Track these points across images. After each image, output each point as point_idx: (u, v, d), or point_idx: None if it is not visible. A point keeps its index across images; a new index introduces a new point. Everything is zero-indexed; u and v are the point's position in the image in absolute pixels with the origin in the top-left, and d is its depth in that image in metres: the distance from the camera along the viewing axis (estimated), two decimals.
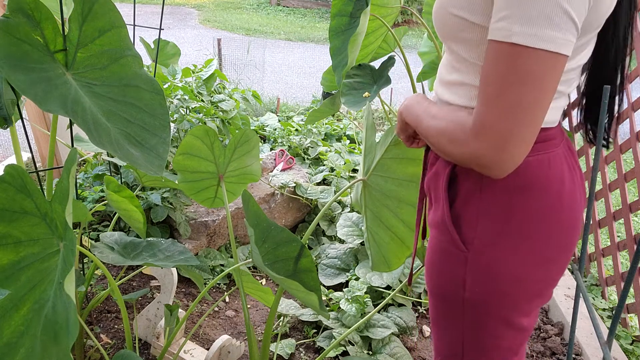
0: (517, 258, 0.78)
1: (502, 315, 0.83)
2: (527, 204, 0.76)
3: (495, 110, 0.64)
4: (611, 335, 0.82)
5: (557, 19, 0.60)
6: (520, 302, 0.82)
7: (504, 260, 0.78)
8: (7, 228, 0.77)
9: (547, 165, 0.76)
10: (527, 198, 0.76)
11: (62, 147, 2.52)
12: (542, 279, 0.81)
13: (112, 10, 0.99)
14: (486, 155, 0.66)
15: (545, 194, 0.76)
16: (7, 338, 0.72)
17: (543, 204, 0.76)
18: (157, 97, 1.07)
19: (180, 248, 1.34)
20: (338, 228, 2.22)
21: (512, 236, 0.77)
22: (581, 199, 0.82)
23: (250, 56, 5.15)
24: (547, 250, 0.79)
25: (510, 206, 0.77)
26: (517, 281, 0.80)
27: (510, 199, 0.76)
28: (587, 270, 2.26)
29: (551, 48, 0.61)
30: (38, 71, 0.86)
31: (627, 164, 3.77)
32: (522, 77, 0.62)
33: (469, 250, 0.80)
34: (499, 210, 0.77)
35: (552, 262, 0.80)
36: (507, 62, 0.63)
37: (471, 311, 0.85)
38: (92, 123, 0.89)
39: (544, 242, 0.78)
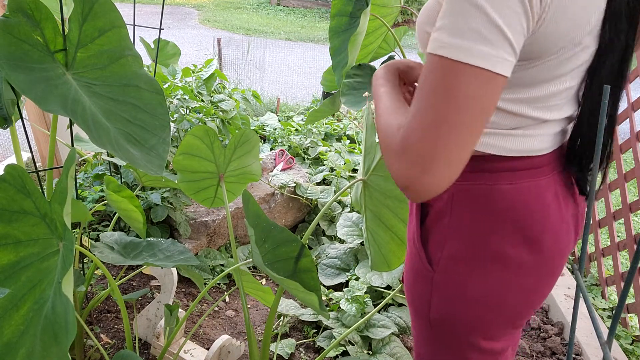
0: (487, 284, 0.75)
1: (470, 339, 0.80)
2: (501, 230, 0.73)
3: (419, 127, 0.57)
4: (611, 335, 0.81)
5: (488, 34, 0.55)
6: (490, 328, 0.80)
7: (471, 284, 0.76)
8: (6, 228, 0.77)
9: (526, 194, 0.72)
10: (502, 224, 0.72)
11: (62, 147, 2.52)
12: (515, 306, 0.78)
13: (112, 10, 0.99)
14: (405, 176, 0.59)
15: (523, 223, 0.72)
16: (8, 338, 0.72)
17: (519, 233, 0.72)
18: (157, 97, 1.07)
19: (180, 248, 1.34)
20: (338, 228, 2.22)
21: (481, 261, 0.75)
22: (569, 230, 0.76)
23: (250, 56, 5.15)
24: (523, 279, 0.75)
25: (481, 231, 0.73)
26: (485, 307, 0.77)
27: (483, 224, 0.73)
28: (587, 270, 2.26)
29: (482, 64, 0.55)
30: (38, 71, 0.86)
31: (627, 164, 3.77)
32: (449, 93, 0.56)
33: (434, 270, 0.78)
34: (469, 233, 0.74)
35: (529, 291, 0.77)
36: (437, 76, 0.57)
37: (437, 330, 0.83)
38: (92, 123, 0.89)
39: (519, 270, 0.74)
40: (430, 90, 0.57)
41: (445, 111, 0.56)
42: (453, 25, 0.56)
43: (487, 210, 0.73)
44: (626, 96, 2.04)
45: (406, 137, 0.59)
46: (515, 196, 0.72)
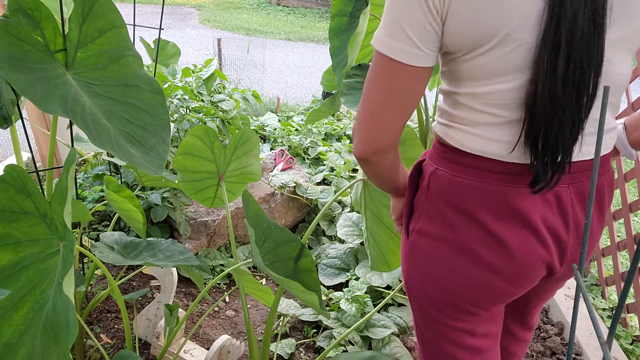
0: (443, 266, 0.81)
1: (431, 311, 0.87)
2: (461, 222, 0.77)
3: (359, 107, 0.75)
4: (611, 335, 0.81)
5: (391, 27, 0.69)
6: (444, 307, 0.85)
7: (430, 261, 0.82)
8: (6, 228, 0.77)
9: (478, 195, 0.75)
10: (462, 217, 0.77)
11: (62, 147, 2.52)
12: (469, 296, 0.81)
13: (112, 10, 0.99)
14: (354, 144, 0.78)
15: (480, 221, 0.76)
16: (8, 338, 0.72)
17: (477, 229, 0.76)
18: (157, 97, 1.07)
19: (180, 248, 1.34)
20: (338, 228, 2.22)
21: (442, 243, 0.80)
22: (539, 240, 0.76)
23: (250, 56, 5.14)
24: (476, 270, 0.78)
25: (445, 216, 0.79)
26: (440, 287, 0.82)
27: (448, 212, 0.79)
28: (587, 270, 2.26)
29: (388, 54, 0.69)
30: (38, 71, 0.86)
31: (627, 164, 3.76)
32: (369, 75, 0.73)
33: (408, 238, 0.87)
34: (436, 215, 0.80)
35: (481, 284, 0.80)
36: (372, 63, 0.73)
37: (411, 299, 0.91)
38: (92, 123, 0.89)
39: (474, 262, 0.78)
40: (368, 74, 0.74)
41: (365, 90, 0.74)
42: (382, 21, 0.71)
43: (452, 199, 0.78)
44: (626, 96, 2.04)
45: (354, 123, 0.78)
46: (479, 194, 0.75)
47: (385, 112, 0.73)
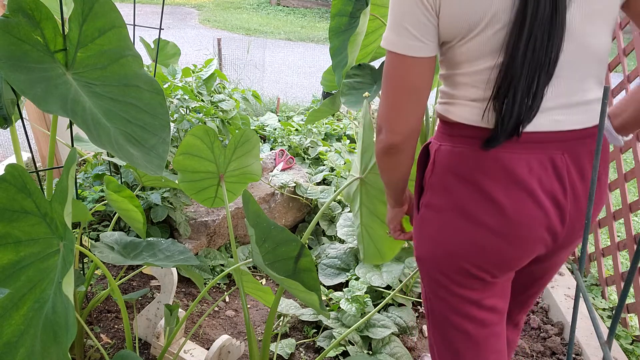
0: (447, 232, 0.89)
1: (440, 279, 0.93)
2: (461, 189, 0.86)
3: (381, 101, 0.85)
4: (611, 335, 0.81)
5: (397, 28, 0.80)
6: (451, 272, 0.91)
7: (437, 230, 0.90)
8: (7, 228, 0.77)
9: (476, 162, 0.84)
10: (461, 184, 0.86)
11: (62, 147, 2.52)
12: (469, 259, 0.88)
13: (112, 10, 0.99)
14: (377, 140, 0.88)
15: (477, 186, 0.84)
16: (8, 337, 0.72)
17: (476, 194, 0.84)
18: (157, 97, 1.07)
19: (180, 248, 1.34)
20: (338, 228, 2.22)
21: (446, 211, 0.89)
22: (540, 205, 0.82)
23: (250, 56, 5.14)
24: (476, 234, 0.86)
25: (446, 186, 0.88)
26: (446, 252, 0.90)
27: (449, 181, 0.87)
28: (587, 270, 2.26)
29: (396, 50, 0.81)
30: (38, 71, 0.86)
31: (627, 164, 3.77)
32: (384, 73, 0.84)
33: (418, 213, 0.96)
34: (439, 187, 0.89)
35: (482, 248, 0.87)
36: (385, 63, 0.84)
37: (421, 269, 0.98)
38: (92, 123, 0.89)
39: (473, 226, 0.86)
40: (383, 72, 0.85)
41: (383, 88, 0.85)
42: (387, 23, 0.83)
43: (453, 168, 0.87)
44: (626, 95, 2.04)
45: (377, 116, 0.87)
46: (475, 161, 0.84)
47: (403, 101, 0.83)
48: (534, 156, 0.81)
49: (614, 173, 3.51)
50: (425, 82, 0.83)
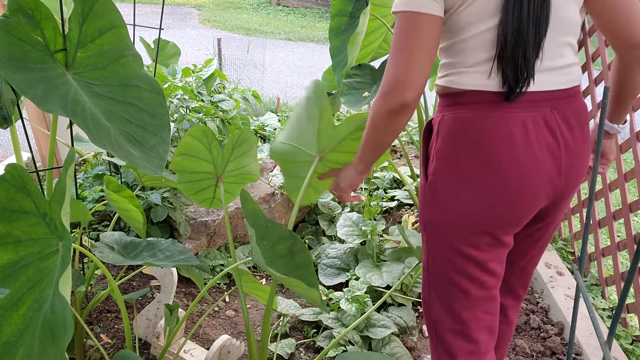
0: (457, 194, 0.96)
1: (450, 242, 1.00)
2: (466, 152, 0.94)
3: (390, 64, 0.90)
4: (611, 335, 0.82)
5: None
6: (463, 232, 0.98)
7: (447, 193, 0.97)
8: (7, 227, 0.77)
9: (488, 122, 0.92)
10: (466, 148, 0.93)
11: (62, 147, 2.52)
12: (480, 217, 0.96)
13: (112, 10, 0.99)
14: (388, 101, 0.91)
15: (481, 147, 0.92)
16: (7, 337, 0.72)
17: (481, 155, 0.92)
18: (157, 97, 1.07)
19: (180, 248, 1.34)
20: (338, 228, 2.22)
21: (454, 176, 0.96)
22: (537, 159, 0.92)
23: (250, 56, 5.14)
24: (484, 194, 0.94)
25: (452, 151, 0.95)
26: (457, 213, 0.97)
27: (454, 146, 0.95)
28: (587, 270, 2.26)
29: (412, 9, 0.88)
30: (38, 71, 0.86)
31: (627, 164, 3.77)
32: (398, 33, 0.89)
33: (427, 182, 1.02)
34: (446, 153, 0.97)
35: (490, 205, 0.95)
36: (396, 27, 0.90)
37: (428, 233, 1.04)
38: (92, 123, 0.89)
39: (481, 187, 0.94)
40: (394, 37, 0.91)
41: (393, 48, 0.90)
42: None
43: (457, 135, 0.95)
44: None
45: (385, 78, 0.91)
46: (477, 124, 0.92)
47: (418, 58, 0.88)
48: (528, 114, 0.91)
49: (614, 173, 3.51)
50: (437, 40, 0.90)
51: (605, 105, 1.01)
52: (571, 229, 2.45)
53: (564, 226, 2.54)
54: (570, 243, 2.43)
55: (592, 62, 2.31)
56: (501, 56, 0.88)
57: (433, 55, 0.90)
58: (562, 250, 2.42)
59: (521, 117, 0.91)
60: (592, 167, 1.06)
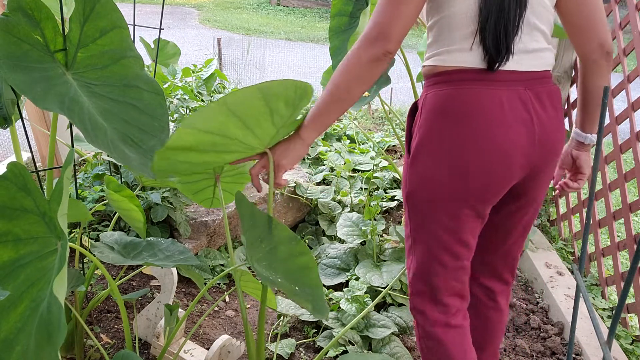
0: (437, 166, 1.02)
1: (429, 212, 1.07)
2: (445, 125, 0.99)
3: (375, 16, 0.94)
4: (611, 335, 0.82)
5: None
6: (442, 203, 1.04)
7: (427, 165, 1.03)
8: (7, 225, 0.78)
9: (459, 99, 0.98)
10: (446, 121, 0.99)
11: (62, 147, 2.52)
12: (458, 186, 1.01)
13: (114, 11, 0.99)
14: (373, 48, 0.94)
15: (460, 121, 0.98)
16: (5, 335, 0.72)
17: (459, 128, 0.98)
18: (157, 98, 1.07)
19: (180, 248, 1.34)
20: (338, 228, 2.22)
21: (434, 148, 1.02)
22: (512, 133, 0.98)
23: (250, 56, 5.14)
24: (463, 164, 1.00)
25: (432, 125, 1.01)
26: (437, 183, 1.02)
27: (435, 121, 1.01)
28: (587, 270, 2.26)
29: None
30: (37, 71, 0.86)
31: (627, 164, 3.77)
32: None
33: (409, 155, 1.07)
34: (427, 128, 1.02)
35: (469, 175, 1.00)
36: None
37: (410, 204, 1.10)
38: (89, 123, 0.89)
39: (459, 157, 0.99)
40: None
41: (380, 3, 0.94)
42: None
43: (438, 110, 1.00)
44: (626, 96, 2.04)
45: (371, 26, 0.94)
46: (457, 99, 0.98)
47: (402, 10, 0.92)
48: (504, 91, 0.97)
49: (614, 173, 3.51)
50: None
51: (606, 105, 1.01)
52: (571, 229, 2.45)
53: (564, 226, 2.54)
54: (570, 243, 2.43)
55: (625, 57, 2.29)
56: (483, 28, 0.94)
57: (419, 10, 0.95)
58: (562, 250, 2.42)
59: (497, 93, 0.97)
60: (593, 167, 1.06)
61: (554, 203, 2.66)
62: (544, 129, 1.00)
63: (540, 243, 2.38)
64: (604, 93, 0.99)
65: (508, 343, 1.82)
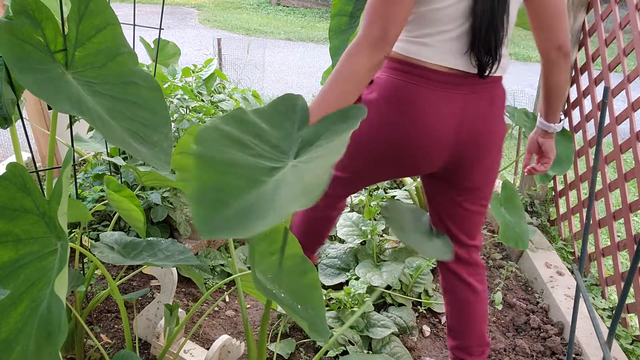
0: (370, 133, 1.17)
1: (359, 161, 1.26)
2: (388, 108, 1.13)
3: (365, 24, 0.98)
4: (611, 335, 0.82)
5: None
6: (349, 163, 1.26)
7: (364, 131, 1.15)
8: (7, 225, 0.78)
9: (392, 87, 1.11)
10: (387, 104, 1.12)
11: (62, 147, 2.52)
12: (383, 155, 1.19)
13: (106, 8, 0.99)
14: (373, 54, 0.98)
15: (388, 107, 1.12)
16: (5, 335, 0.72)
17: (393, 113, 1.12)
18: (155, 93, 1.07)
19: (180, 248, 1.34)
20: (338, 228, 2.22)
21: (372, 123, 1.14)
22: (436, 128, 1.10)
23: (250, 56, 5.14)
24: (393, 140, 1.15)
25: (377, 104, 1.14)
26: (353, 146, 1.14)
27: (379, 101, 1.14)
28: (587, 270, 2.26)
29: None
30: (42, 72, 0.86)
31: (627, 164, 3.76)
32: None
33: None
34: (372, 102, 1.15)
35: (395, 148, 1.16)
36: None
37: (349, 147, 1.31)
38: (99, 121, 0.89)
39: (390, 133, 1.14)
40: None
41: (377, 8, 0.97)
42: None
43: (386, 94, 1.13)
44: (626, 96, 2.04)
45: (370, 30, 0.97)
46: (406, 92, 1.10)
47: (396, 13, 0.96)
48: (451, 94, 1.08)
49: (614, 173, 3.51)
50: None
51: (606, 105, 1.01)
52: (571, 229, 2.45)
53: (564, 226, 2.54)
54: (570, 243, 2.43)
55: (592, 62, 2.31)
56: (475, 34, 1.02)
57: (410, 12, 0.99)
58: (562, 250, 2.42)
59: (444, 95, 1.08)
60: (592, 167, 1.06)
61: (554, 203, 2.66)
62: (475, 127, 1.13)
63: (540, 243, 2.38)
64: (604, 93, 0.98)
65: (508, 343, 1.82)
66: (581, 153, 2.38)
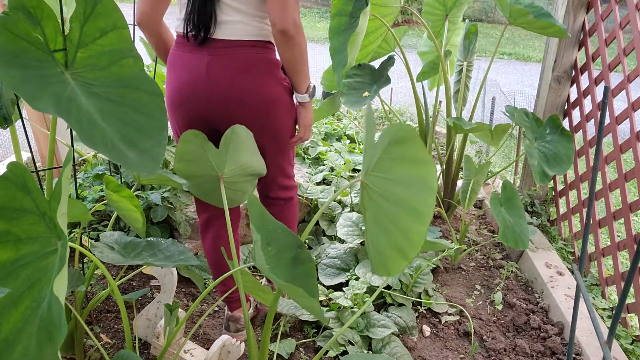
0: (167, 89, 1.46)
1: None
2: (169, 68, 1.45)
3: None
4: (611, 335, 0.82)
5: None
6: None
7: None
8: (7, 225, 0.78)
9: (172, 54, 1.45)
10: (169, 65, 1.45)
11: (62, 146, 2.52)
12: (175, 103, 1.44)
13: (114, 11, 0.98)
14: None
15: (171, 68, 1.43)
16: (5, 335, 0.72)
17: (172, 72, 1.43)
18: (156, 99, 1.07)
19: (180, 248, 1.34)
20: (338, 228, 2.22)
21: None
22: (188, 77, 1.38)
23: None
24: (174, 95, 1.42)
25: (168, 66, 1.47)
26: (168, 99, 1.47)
27: (168, 65, 1.46)
28: (587, 270, 2.26)
29: None
30: (33, 69, 0.85)
31: (627, 164, 3.77)
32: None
33: None
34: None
35: (170, 105, 1.45)
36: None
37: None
38: (86, 123, 0.88)
39: (171, 90, 1.43)
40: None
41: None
42: None
43: (169, 59, 1.47)
44: (626, 96, 2.04)
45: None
46: (173, 55, 1.44)
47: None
48: (194, 54, 1.36)
49: (614, 173, 3.51)
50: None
51: (606, 105, 1.01)
52: (571, 229, 2.45)
53: (564, 226, 2.54)
54: (570, 243, 2.44)
55: (592, 62, 2.31)
56: (193, 7, 1.33)
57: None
58: (562, 250, 2.42)
59: (189, 55, 1.36)
60: (593, 167, 1.06)
61: (554, 203, 2.66)
62: (218, 82, 1.35)
63: (540, 243, 2.38)
64: (604, 93, 0.99)
65: (508, 343, 1.82)
66: (581, 153, 2.39)
